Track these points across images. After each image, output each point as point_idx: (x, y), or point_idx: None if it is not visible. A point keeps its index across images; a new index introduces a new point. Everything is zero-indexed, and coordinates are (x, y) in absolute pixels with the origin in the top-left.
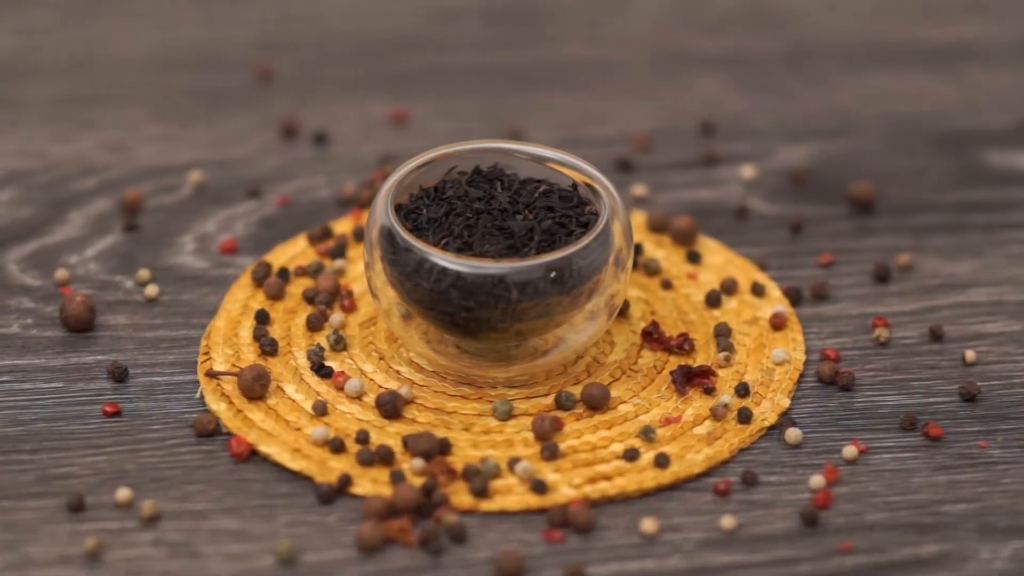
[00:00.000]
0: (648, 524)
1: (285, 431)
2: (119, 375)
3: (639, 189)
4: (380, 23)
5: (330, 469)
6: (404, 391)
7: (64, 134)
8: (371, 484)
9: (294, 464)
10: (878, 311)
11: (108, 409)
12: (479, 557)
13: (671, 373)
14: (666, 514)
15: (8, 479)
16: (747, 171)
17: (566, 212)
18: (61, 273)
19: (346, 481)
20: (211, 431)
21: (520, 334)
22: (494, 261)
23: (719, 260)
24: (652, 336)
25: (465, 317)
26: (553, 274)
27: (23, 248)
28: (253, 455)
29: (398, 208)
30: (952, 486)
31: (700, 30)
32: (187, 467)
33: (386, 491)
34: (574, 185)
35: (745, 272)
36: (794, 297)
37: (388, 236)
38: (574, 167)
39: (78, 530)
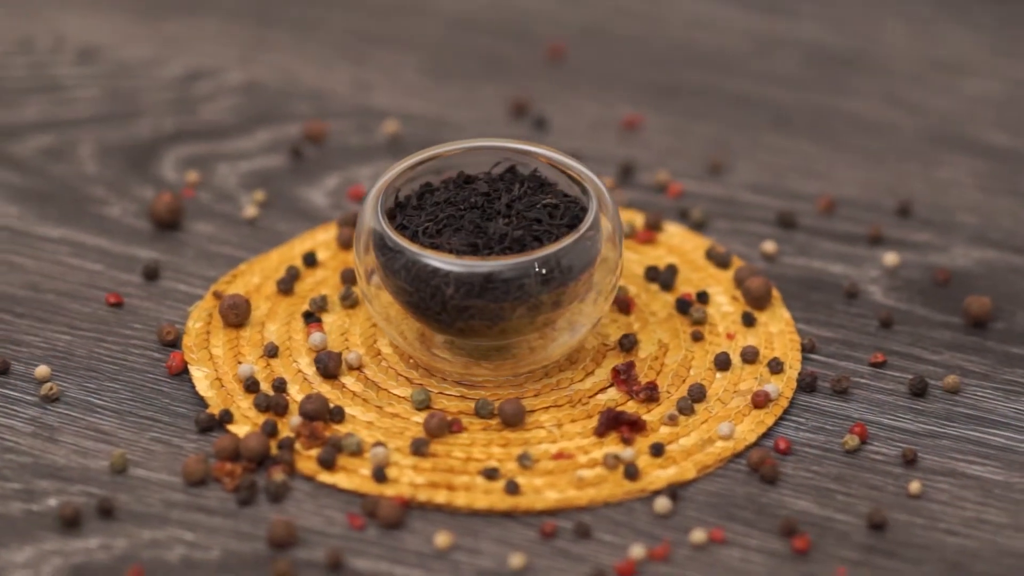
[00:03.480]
0: (442, 538)
1: (227, 362)
2: (149, 274)
3: (769, 246)
4: (704, 35)
5: (228, 404)
6: (351, 356)
7: (327, 61)
8: (249, 427)
9: (205, 391)
10: (880, 421)
11: (110, 299)
12: (274, 518)
13: (600, 413)
14: (477, 537)
15: None
16: (890, 258)
17: (550, 228)
18: (192, 176)
19: (226, 417)
20: (170, 341)
21: (462, 332)
22: (441, 254)
23: (773, 329)
24: (620, 376)
25: (408, 301)
26: (545, 272)
27: (192, 147)
28: (185, 373)
29: (427, 184)
30: None
31: (1003, 121)
32: (123, 366)
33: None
34: (583, 209)
35: (785, 348)
36: (806, 384)
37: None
38: (580, 173)
39: None
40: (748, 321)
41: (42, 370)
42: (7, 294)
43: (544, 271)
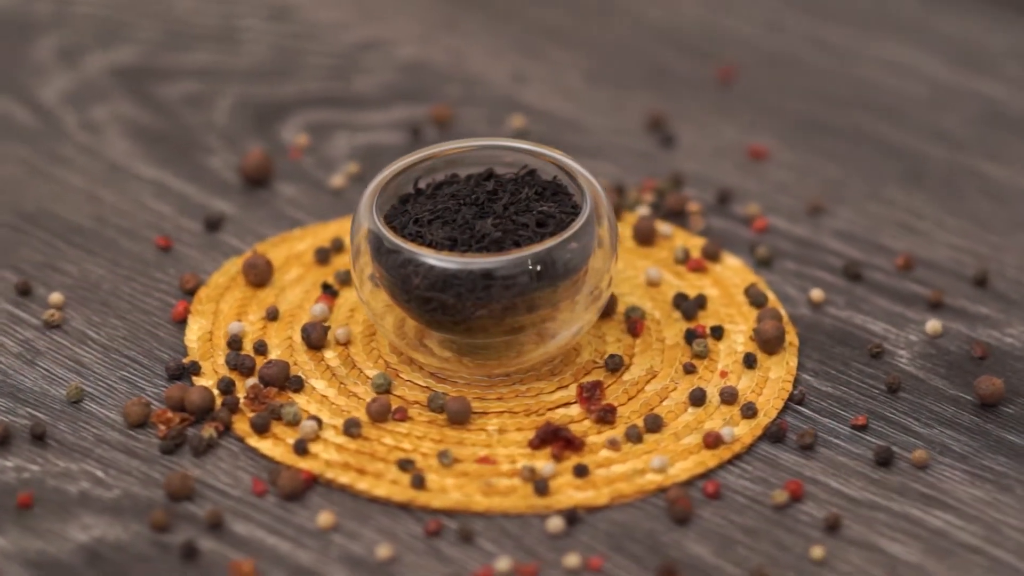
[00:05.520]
0: (324, 518)
1: (228, 318)
2: (212, 224)
3: (816, 293)
4: (887, 77)
5: (207, 358)
6: (340, 332)
7: (498, 51)
8: (214, 382)
9: (192, 342)
10: (828, 483)
11: (160, 242)
12: (188, 471)
13: (539, 427)
14: (364, 523)
15: (26, 253)
16: (932, 325)
17: (531, 235)
18: (300, 139)
19: (194, 369)
20: (190, 290)
21: (431, 325)
22: (416, 244)
23: (772, 375)
24: (584, 394)
25: (385, 285)
26: (536, 268)
27: (323, 113)
28: (186, 322)
29: (454, 175)
30: None
31: None
32: (136, 306)
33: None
34: (574, 218)
35: (771, 395)
36: (773, 435)
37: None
38: (584, 181)
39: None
40: (749, 363)
41: (55, 297)
42: (73, 223)
43: (517, 274)
